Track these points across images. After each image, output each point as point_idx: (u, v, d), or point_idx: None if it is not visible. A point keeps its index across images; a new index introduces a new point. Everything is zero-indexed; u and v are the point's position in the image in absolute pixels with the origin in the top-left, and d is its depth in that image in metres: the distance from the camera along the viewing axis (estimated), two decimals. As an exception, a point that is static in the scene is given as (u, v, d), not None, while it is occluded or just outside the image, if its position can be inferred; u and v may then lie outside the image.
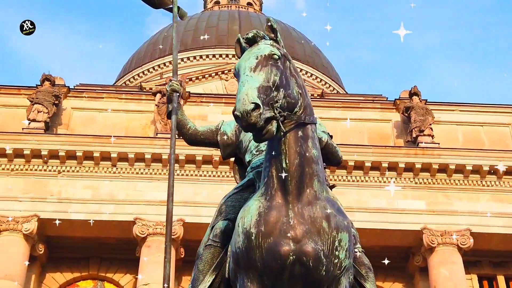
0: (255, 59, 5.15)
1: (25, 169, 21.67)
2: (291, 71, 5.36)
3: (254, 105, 4.76)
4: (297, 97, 5.29)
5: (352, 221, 17.59)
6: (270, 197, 5.24)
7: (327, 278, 5.08)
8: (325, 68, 39.27)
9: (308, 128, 5.34)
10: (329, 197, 5.36)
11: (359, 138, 24.19)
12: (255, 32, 5.40)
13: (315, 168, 5.28)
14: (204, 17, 39.56)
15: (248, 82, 4.94)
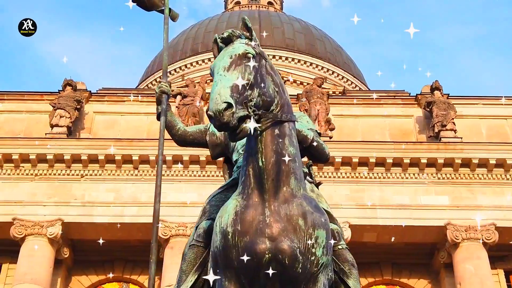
0: (229, 58, 5.16)
1: (48, 174, 21.92)
2: (267, 69, 5.37)
3: (226, 104, 4.79)
4: (273, 95, 5.30)
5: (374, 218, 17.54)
6: (247, 196, 5.27)
7: (303, 276, 5.09)
8: (346, 65, 39.12)
9: (286, 126, 5.35)
10: (307, 195, 5.37)
11: (381, 135, 24.06)
12: (230, 32, 5.42)
13: (291, 166, 5.29)
14: (224, 17, 39.65)
15: (221, 81, 4.96)
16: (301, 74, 34.64)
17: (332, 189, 21.99)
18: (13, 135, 22.94)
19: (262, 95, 5.15)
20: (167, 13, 6.18)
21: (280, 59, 36.59)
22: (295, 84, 33.41)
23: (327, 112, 23.54)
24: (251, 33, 5.41)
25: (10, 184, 21.77)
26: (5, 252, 21.97)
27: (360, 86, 38.66)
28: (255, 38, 5.42)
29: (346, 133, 24.01)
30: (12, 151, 21.81)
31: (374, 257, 22.63)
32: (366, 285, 22.82)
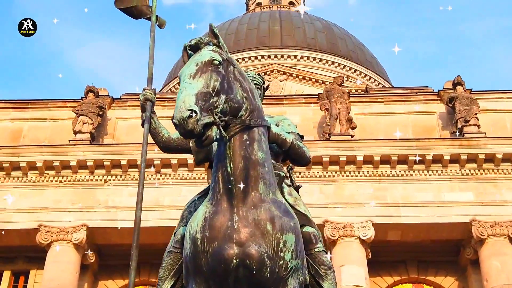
0: (195, 65, 5.20)
1: (72, 180, 22.18)
2: (236, 75, 5.40)
3: (190, 112, 4.82)
4: (242, 101, 5.33)
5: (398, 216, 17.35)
6: (216, 202, 5.31)
7: (272, 280, 5.11)
8: (369, 62, 38.94)
9: (255, 131, 5.38)
10: (276, 199, 5.39)
11: (404, 132, 23.86)
12: (198, 39, 5.46)
13: (260, 171, 5.32)
14: (245, 19, 39.72)
15: (186, 89, 4.99)
16: (323, 73, 34.58)
17: (354, 188, 21.94)
18: (38, 142, 23.24)
19: (229, 101, 5.18)
20: (154, 20, 6.22)
21: (301, 59, 36.56)
22: (318, 84, 33.37)
23: (348, 111, 23.45)
24: (218, 39, 5.44)
25: (35, 191, 22.07)
26: (33, 258, 22.29)
27: (384, 83, 38.45)
28: (223, 45, 5.46)
29: (368, 131, 23.91)
30: (36, 159, 22.11)
31: (399, 256, 22.50)
32: (392, 284, 22.71)
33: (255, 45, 36.66)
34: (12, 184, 22.25)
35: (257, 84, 6.72)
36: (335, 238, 20.89)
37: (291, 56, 36.30)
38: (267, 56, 36.28)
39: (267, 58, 36.21)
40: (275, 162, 6.16)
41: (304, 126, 24.01)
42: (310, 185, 21.91)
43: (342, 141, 22.26)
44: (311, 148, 21.94)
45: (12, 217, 21.70)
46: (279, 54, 36.31)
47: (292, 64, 35.82)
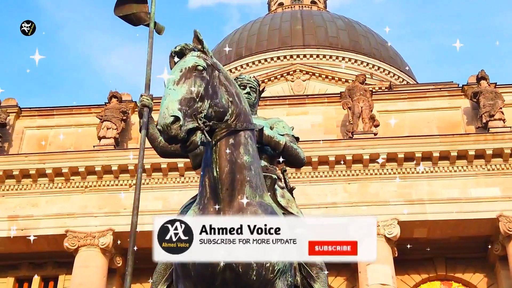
0: (179, 72, 5.24)
1: (98, 185, 22.40)
2: (221, 80, 5.43)
3: (173, 118, 4.87)
4: (227, 105, 5.36)
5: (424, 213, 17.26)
6: (203, 206, 5.36)
7: (259, 282, 5.13)
8: (392, 59, 38.69)
9: (241, 135, 5.41)
10: (263, 202, 5.40)
11: (429, 128, 23.72)
12: (183, 45, 5.50)
13: (246, 174, 5.35)
14: (267, 20, 39.73)
15: (170, 95, 5.04)
16: (346, 71, 34.44)
17: (379, 186, 21.84)
18: (63, 149, 23.50)
19: (214, 106, 5.23)
20: (152, 27, 6.27)
21: (324, 58, 36.47)
22: (341, 82, 33.26)
23: (370, 108, 23.33)
24: (202, 45, 5.47)
25: (62, 197, 22.34)
26: (61, 264, 22.58)
27: (408, 79, 38.18)
28: (208, 50, 5.49)
29: (392, 129, 23.73)
30: (62, 165, 22.37)
31: (426, 253, 22.28)
32: (420, 281, 22.55)
33: (277, 46, 36.64)
34: (39, 191, 22.55)
35: (252, 87, 6.75)
36: (360, 237, 20.76)
37: (313, 56, 36.23)
38: (289, 56, 36.24)
39: (289, 58, 36.17)
40: (269, 164, 6.20)
41: (327, 125, 23.99)
42: (334, 184, 21.89)
43: (365, 139, 22.16)
44: (334, 147, 22.12)
45: (40, 223, 21.99)
46: (301, 54, 36.26)
47: (315, 63, 35.73)
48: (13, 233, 21.88)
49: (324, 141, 22.48)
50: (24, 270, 23.01)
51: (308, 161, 22.02)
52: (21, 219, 22.12)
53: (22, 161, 22.67)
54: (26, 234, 21.88)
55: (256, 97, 6.79)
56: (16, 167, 22.56)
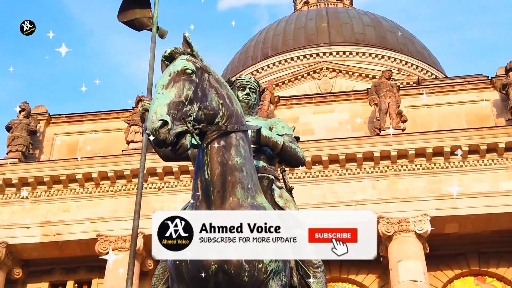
0: (168, 76, 5.25)
1: (127, 189, 22.59)
2: (211, 82, 5.44)
3: (162, 122, 4.89)
4: (217, 107, 5.38)
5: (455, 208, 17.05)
6: (195, 209, 5.39)
7: (251, 284, 5.12)
8: (420, 53, 38.31)
9: (232, 136, 5.42)
10: (255, 203, 5.40)
11: (457, 122, 23.47)
12: (172, 49, 5.53)
13: (238, 176, 5.35)
14: (292, 19, 39.66)
15: (158, 100, 5.06)
16: (373, 67, 34.22)
17: (408, 182, 21.66)
18: (93, 154, 23.75)
19: (203, 108, 5.25)
20: (155, 31, 6.31)
21: (350, 55, 36.29)
22: (368, 79, 33.04)
23: (398, 104, 23.15)
24: (192, 48, 5.50)
25: (92, 202, 22.58)
26: (94, 268, 22.82)
27: (436, 73, 37.78)
28: (197, 53, 5.51)
29: (420, 124, 23.57)
30: (91, 170, 22.62)
31: (459, 248, 22.07)
32: (453, 277, 22.29)
33: (303, 44, 36.53)
34: (70, 196, 22.83)
35: (252, 89, 6.77)
36: (390, 233, 20.65)
37: (339, 53, 36.05)
38: (315, 54, 36.12)
39: (315, 56, 36.05)
40: (268, 165, 6.22)
41: (354, 123, 23.85)
42: (363, 182, 21.77)
43: (393, 135, 21.99)
44: (361, 144, 21.99)
45: (72, 228, 22.26)
46: (327, 52, 36.12)
47: (341, 60, 35.57)
48: (45, 239, 22.26)
49: (351, 138, 22.39)
50: (58, 274, 23.32)
51: (336, 159, 21.98)
52: (53, 224, 22.44)
53: (52, 168, 22.99)
54: (59, 239, 22.26)
55: (256, 98, 6.82)
56: (47, 173, 22.88)
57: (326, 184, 21.91)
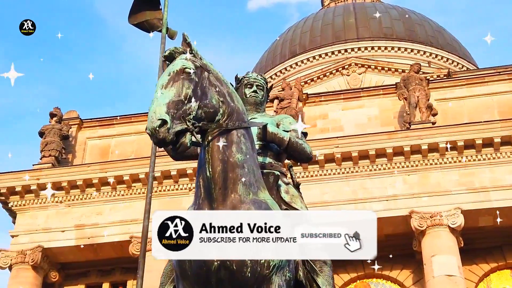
0: (168, 75, 5.30)
1: (158, 191, 22.73)
2: (211, 81, 5.48)
3: (161, 121, 4.95)
4: (218, 105, 5.42)
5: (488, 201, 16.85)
6: (198, 206, 5.45)
7: (254, 279, 5.14)
8: (450, 46, 37.89)
9: (233, 133, 5.46)
10: (257, 199, 5.40)
11: (489, 114, 23.16)
12: (172, 49, 5.57)
13: (239, 173, 5.38)
14: (319, 15, 39.53)
15: (157, 99, 5.11)
16: (402, 61, 33.95)
17: (439, 176, 21.46)
18: (125, 157, 23.99)
19: (203, 107, 5.29)
20: (164, 32, 6.36)
21: (379, 50, 36.06)
22: (397, 73, 32.77)
23: (427, 97, 22.93)
24: (191, 47, 5.54)
25: (125, 204, 22.81)
26: (128, 269, 23.01)
27: (467, 65, 37.34)
28: (197, 52, 5.55)
29: (451, 116, 23.32)
30: (123, 173, 22.84)
31: (494, 241, 21.77)
32: (489, 271, 21.99)
33: (331, 41, 36.40)
34: (102, 199, 23.09)
35: (259, 86, 6.80)
36: (423, 228, 20.46)
37: (368, 48, 35.84)
38: (343, 51, 35.95)
39: (344, 53, 35.89)
40: (274, 161, 6.24)
41: (384, 118, 23.73)
42: (393, 177, 21.65)
43: (423, 129, 21.81)
44: (391, 139, 21.82)
45: (105, 231, 22.49)
46: (355, 47, 35.93)
47: (370, 55, 35.36)
48: (80, 242, 22.55)
49: (380, 133, 22.26)
50: (94, 277, 23.62)
51: (366, 155, 21.87)
52: (87, 227, 22.73)
53: (85, 171, 23.28)
54: (93, 242, 22.53)
55: (264, 95, 6.86)
56: (79, 177, 23.17)
57: (356, 180, 21.81)
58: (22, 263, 22.39)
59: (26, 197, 23.36)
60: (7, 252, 22.71)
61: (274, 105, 23.94)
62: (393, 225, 21.13)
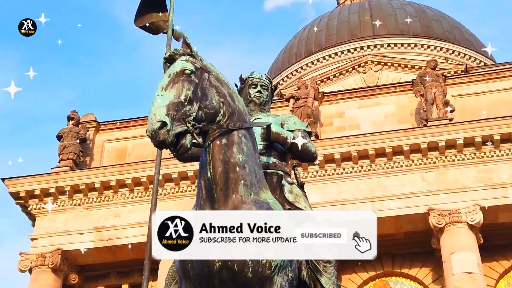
0: (168, 77, 5.31)
1: (175, 192, 22.81)
2: (211, 82, 5.48)
3: (160, 123, 4.95)
4: (218, 106, 5.42)
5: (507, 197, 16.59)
6: (199, 207, 5.44)
7: (256, 280, 5.13)
8: (468, 41, 37.57)
9: (234, 134, 5.46)
10: (258, 199, 5.39)
11: (507, 109, 22.91)
12: (172, 51, 5.62)
13: (240, 173, 5.37)
14: (335, 14, 39.41)
15: (157, 101, 5.12)
16: (419, 58, 33.73)
17: (457, 173, 21.31)
18: (142, 159, 24.07)
19: (203, 108, 5.30)
20: (170, 34, 6.37)
21: (395, 47, 35.84)
22: (414, 70, 32.54)
23: (444, 94, 22.78)
24: (191, 49, 5.55)
25: (142, 206, 22.80)
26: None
27: (485, 61, 36.99)
28: (197, 53, 5.55)
29: (468, 112, 23.13)
30: (140, 175, 22.94)
31: (515, 238, 21.58)
32: (510, 267, 21.77)
33: (347, 38, 36.25)
34: (120, 201, 23.21)
35: (264, 86, 6.82)
36: (442, 225, 20.31)
37: (384, 45, 35.65)
38: (359, 48, 35.78)
39: (360, 50, 35.71)
40: (278, 161, 6.25)
41: (401, 115, 23.61)
42: (411, 174, 21.54)
43: (440, 126, 21.66)
44: (408, 136, 21.67)
45: (124, 232, 22.62)
46: (371, 45, 35.75)
47: (386, 52, 35.18)
48: (99, 244, 22.69)
49: (397, 131, 22.14)
50: (113, 278, 23.74)
51: (383, 152, 21.76)
52: (106, 229, 22.85)
53: (102, 174, 23.41)
54: (112, 244, 22.65)
55: (268, 95, 6.87)
56: (97, 180, 23.31)
57: (373, 178, 21.71)
58: (42, 266, 22.57)
59: (44, 200, 23.52)
60: (27, 255, 22.91)
61: (290, 104, 23.92)
62: (411, 222, 21.03)
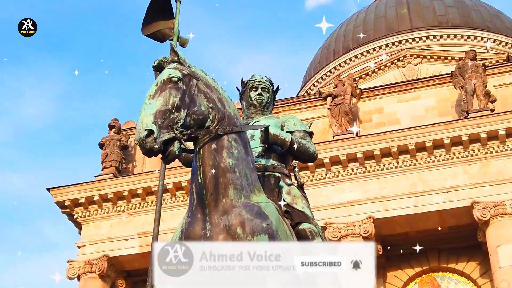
0: (155, 86, 5.36)
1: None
2: (200, 88, 5.52)
3: (147, 132, 5.02)
4: (207, 111, 5.45)
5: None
6: (191, 213, 5.50)
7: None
8: (509, 29, 36.76)
9: (224, 139, 5.49)
10: (249, 202, 5.40)
11: (553, 96, 22.45)
12: (160, 59, 5.66)
13: (230, 177, 5.40)
14: (371, 9, 39.05)
15: (144, 110, 5.18)
16: (458, 49, 33.18)
17: (501, 164, 20.92)
18: (181, 163, 24.22)
19: (192, 114, 5.35)
20: (176, 41, 6.42)
21: (434, 39, 35.32)
22: (454, 61, 31.98)
23: (484, 84, 22.37)
24: (178, 56, 5.59)
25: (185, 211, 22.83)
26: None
27: (529, 48, 36.20)
28: (184, 60, 5.60)
29: (510, 102, 22.69)
30: (181, 179, 23.01)
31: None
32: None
33: (384, 33, 35.87)
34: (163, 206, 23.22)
35: (264, 88, 6.84)
36: (487, 218, 19.95)
37: (422, 38, 35.15)
38: (398, 42, 35.35)
39: (398, 44, 35.29)
40: (277, 163, 6.24)
41: (441, 108, 23.28)
42: (452, 168, 21.23)
43: (481, 117, 21.28)
44: (448, 129, 21.34)
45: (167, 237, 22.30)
46: (410, 38, 35.28)
47: (425, 45, 34.69)
48: (144, 249, 22.92)
49: (437, 124, 21.84)
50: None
51: (423, 147, 21.50)
52: (150, 235, 22.93)
53: (144, 180, 23.66)
54: (156, 249, 22.82)
55: (270, 97, 6.89)
56: (139, 186, 23.59)
57: (415, 173, 21.46)
58: (90, 273, 22.96)
59: (89, 208, 23.94)
60: (75, 262, 23.34)
61: (327, 103, 23.79)
62: (455, 217, 20.72)
